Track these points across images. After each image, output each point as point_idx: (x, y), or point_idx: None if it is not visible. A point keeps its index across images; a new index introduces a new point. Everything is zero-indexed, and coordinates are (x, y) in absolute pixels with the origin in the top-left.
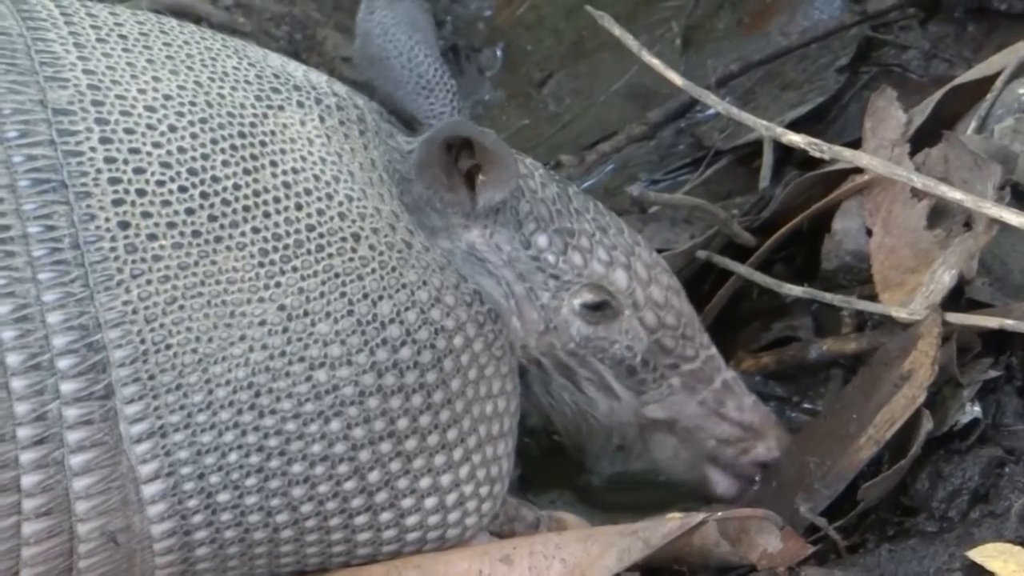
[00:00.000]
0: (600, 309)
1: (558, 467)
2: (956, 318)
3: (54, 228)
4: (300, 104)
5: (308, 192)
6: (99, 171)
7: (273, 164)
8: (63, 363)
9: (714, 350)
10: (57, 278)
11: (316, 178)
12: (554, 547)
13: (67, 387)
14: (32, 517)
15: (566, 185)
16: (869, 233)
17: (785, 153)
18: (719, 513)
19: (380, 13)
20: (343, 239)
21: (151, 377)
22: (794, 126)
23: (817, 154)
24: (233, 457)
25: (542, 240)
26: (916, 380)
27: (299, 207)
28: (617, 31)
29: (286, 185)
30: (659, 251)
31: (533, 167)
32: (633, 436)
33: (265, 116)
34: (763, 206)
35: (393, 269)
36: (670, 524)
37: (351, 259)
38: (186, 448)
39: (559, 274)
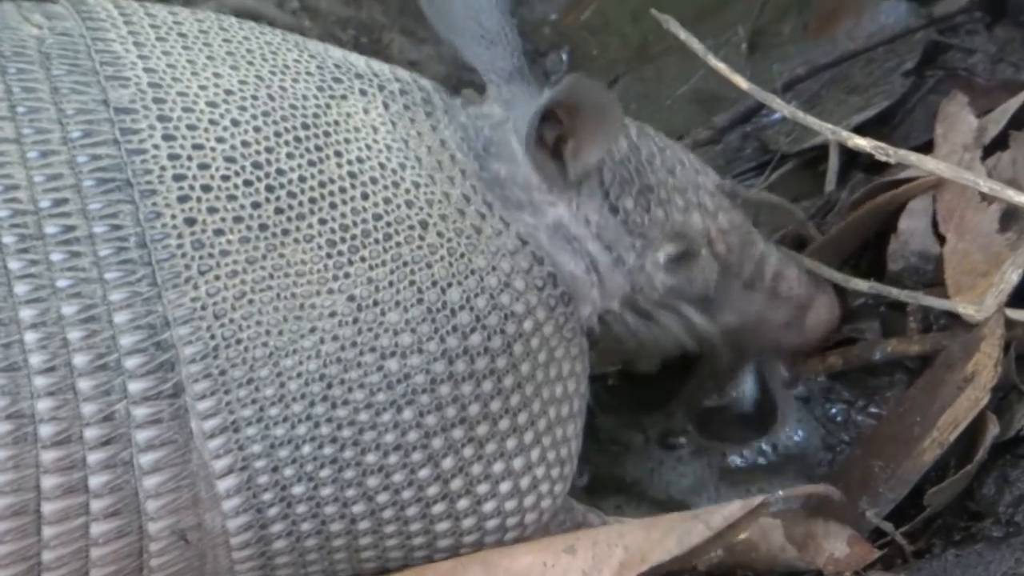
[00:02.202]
0: (682, 258)
1: (620, 474)
2: (1020, 315)
3: (120, 227)
4: (363, 92)
5: (374, 181)
6: (163, 168)
7: (338, 154)
8: (131, 362)
9: (761, 242)
10: (124, 277)
11: (382, 166)
12: (616, 535)
13: (135, 386)
14: (100, 518)
15: (628, 129)
16: (940, 239)
17: (851, 157)
18: (780, 493)
19: None
20: (411, 227)
21: (222, 372)
22: (860, 130)
23: (883, 158)
24: (307, 449)
25: (628, 203)
26: (979, 382)
27: (365, 196)
28: (683, 35)
29: (352, 175)
30: None
31: None
32: (707, 347)
33: (328, 106)
34: (828, 210)
35: (462, 255)
36: (731, 507)
37: (419, 247)
38: (260, 442)
39: (645, 232)
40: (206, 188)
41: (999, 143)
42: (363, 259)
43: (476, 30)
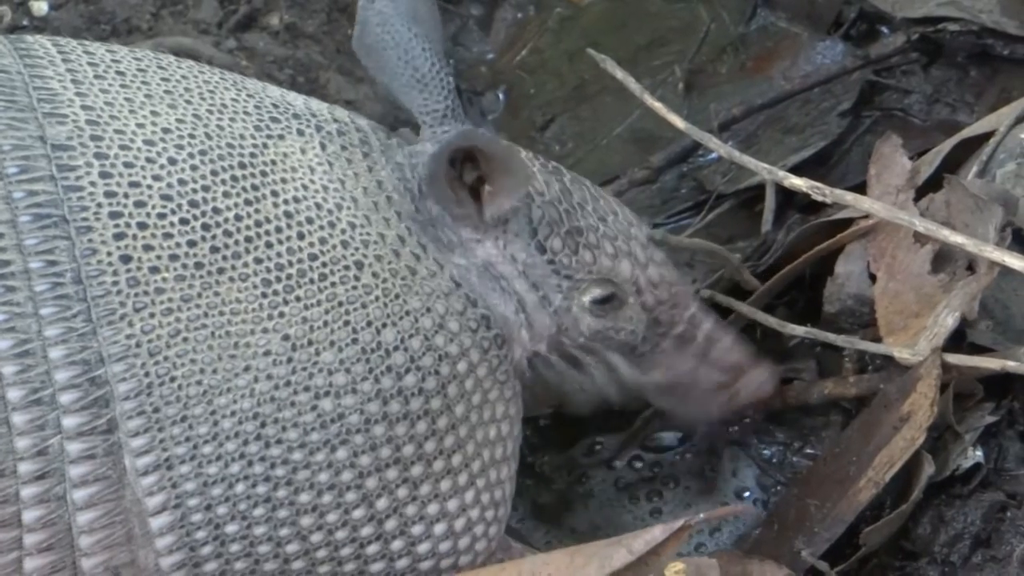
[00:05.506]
0: (609, 302)
1: (552, 504)
2: (957, 359)
3: (56, 263)
4: (300, 132)
5: (310, 221)
6: (100, 205)
7: (274, 194)
8: (65, 398)
9: (695, 305)
10: (59, 313)
11: (318, 206)
12: (542, 564)
13: (69, 422)
14: (34, 552)
15: (562, 174)
16: (873, 278)
17: (787, 197)
18: (700, 515)
19: (381, 2)
20: (346, 267)
21: (156, 410)
22: (796, 170)
23: (819, 198)
24: (240, 488)
25: (556, 243)
26: (915, 422)
27: (301, 236)
28: (620, 75)
29: (288, 215)
30: None
31: (532, 161)
32: (634, 398)
33: (265, 146)
34: (765, 251)
35: (397, 296)
36: (652, 531)
37: (354, 287)
38: (193, 479)
39: (571, 274)
40: (142, 226)
41: (932, 185)
42: (298, 299)
43: (412, 75)
